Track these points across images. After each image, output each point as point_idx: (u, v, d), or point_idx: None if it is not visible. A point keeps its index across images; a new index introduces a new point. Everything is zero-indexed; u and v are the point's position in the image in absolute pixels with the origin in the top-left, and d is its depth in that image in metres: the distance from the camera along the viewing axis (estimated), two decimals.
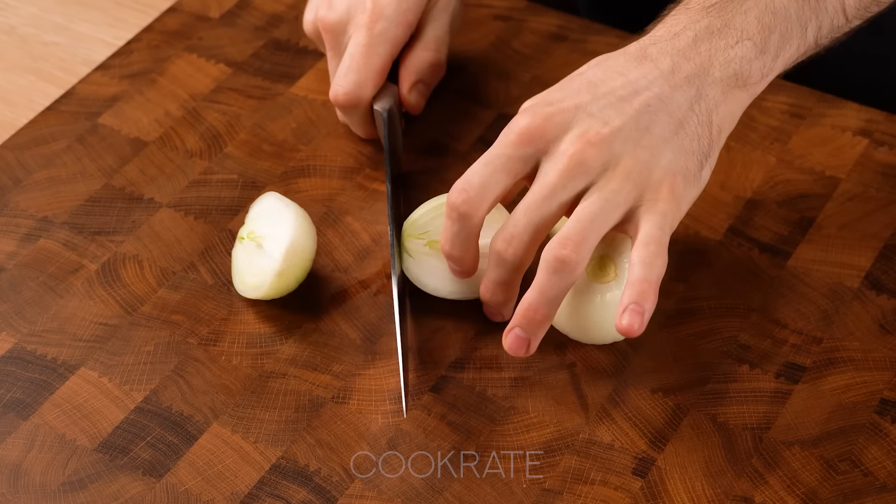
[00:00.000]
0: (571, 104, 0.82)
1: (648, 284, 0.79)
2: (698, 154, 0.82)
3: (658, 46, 0.83)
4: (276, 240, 0.87)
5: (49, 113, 1.01)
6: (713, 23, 0.83)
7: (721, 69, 0.83)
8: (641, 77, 0.82)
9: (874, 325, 0.88)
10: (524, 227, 0.81)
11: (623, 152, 0.81)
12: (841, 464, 0.82)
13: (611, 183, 0.80)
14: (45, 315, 0.89)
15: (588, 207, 0.80)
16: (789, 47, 0.84)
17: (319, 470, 0.81)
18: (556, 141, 0.81)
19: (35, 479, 0.81)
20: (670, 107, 0.82)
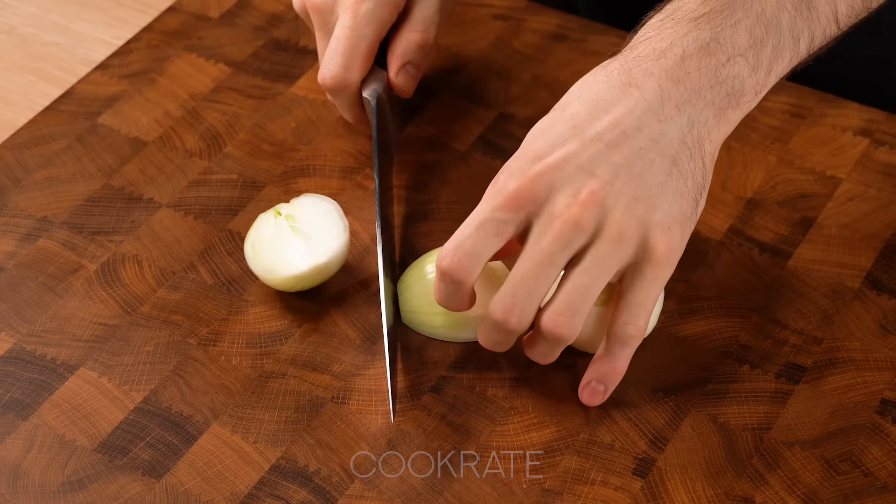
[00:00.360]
0: (559, 157, 0.78)
1: (618, 366, 0.81)
2: (693, 193, 0.80)
3: (643, 68, 0.79)
4: (323, 237, 0.88)
5: (48, 113, 1.01)
6: (701, 37, 0.78)
7: (712, 91, 0.79)
8: (628, 113, 0.78)
9: (875, 326, 0.88)
10: (525, 296, 0.79)
11: (616, 207, 0.78)
12: (841, 464, 0.81)
13: (605, 247, 0.78)
14: (44, 315, 0.89)
15: (580, 277, 0.78)
16: (782, 60, 0.81)
17: (319, 470, 0.81)
18: (546, 203, 0.78)
19: (34, 479, 0.81)
20: (661, 145, 0.78)
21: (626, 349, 0.81)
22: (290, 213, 0.89)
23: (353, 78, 0.93)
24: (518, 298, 0.79)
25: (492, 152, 0.98)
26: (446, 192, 0.95)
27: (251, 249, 0.88)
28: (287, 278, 0.87)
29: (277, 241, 0.88)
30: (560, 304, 0.79)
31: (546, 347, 0.82)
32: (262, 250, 0.88)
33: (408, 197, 0.95)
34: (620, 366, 0.82)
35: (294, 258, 0.87)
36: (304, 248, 0.88)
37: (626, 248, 0.78)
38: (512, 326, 0.80)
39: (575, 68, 1.03)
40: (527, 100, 1.01)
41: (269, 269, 0.87)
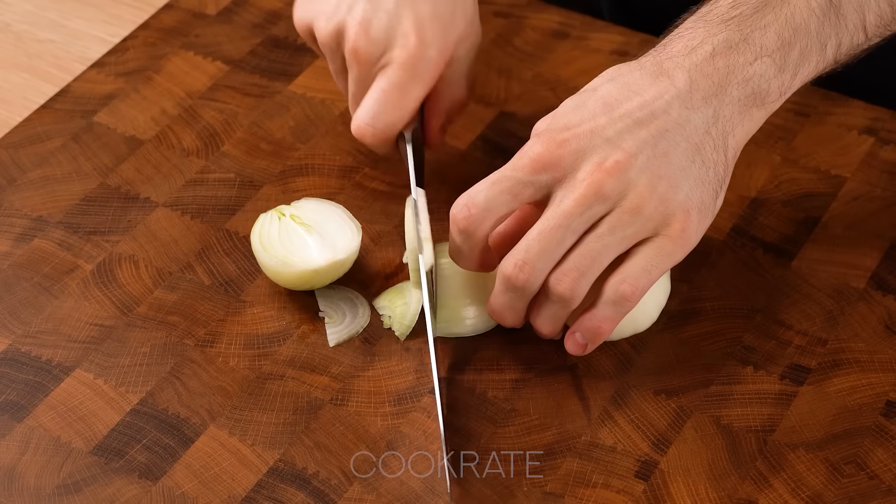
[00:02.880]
0: (587, 129, 0.80)
1: (604, 324, 0.81)
2: (714, 184, 0.81)
3: (674, 61, 0.82)
4: (337, 235, 0.88)
5: (44, 111, 1.01)
6: (732, 37, 0.81)
7: (739, 88, 0.81)
8: (658, 97, 0.81)
9: (880, 326, 0.88)
10: (537, 254, 0.80)
11: (640, 181, 0.79)
12: (846, 467, 0.81)
13: (623, 217, 0.79)
14: (39, 316, 0.89)
15: (593, 243, 0.80)
16: (808, 65, 0.83)
17: (318, 473, 0.81)
18: (572, 169, 0.80)
19: (29, 482, 0.81)
20: (687, 130, 0.80)
21: (617, 308, 0.81)
22: (294, 213, 0.89)
23: (395, 134, 0.91)
24: (530, 255, 0.80)
25: (492, 151, 0.98)
26: (446, 191, 0.95)
27: (260, 244, 0.88)
28: (304, 272, 0.87)
29: (290, 237, 0.88)
30: (568, 264, 0.80)
31: (549, 310, 0.82)
32: (272, 245, 0.88)
33: (407, 196, 0.95)
34: (606, 326, 0.82)
35: (310, 253, 0.87)
36: (319, 244, 0.88)
37: (644, 223, 0.80)
38: (520, 283, 0.80)
39: (577, 66, 1.03)
40: (528, 98, 1.01)
41: (285, 262, 0.87)
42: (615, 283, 0.80)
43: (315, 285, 0.89)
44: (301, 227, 0.88)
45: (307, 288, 0.89)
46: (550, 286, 0.80)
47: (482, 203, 0.80)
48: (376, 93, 0.89)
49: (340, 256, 0.87)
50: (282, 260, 0.87)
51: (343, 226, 0.89)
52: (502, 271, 0.81)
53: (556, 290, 0.80)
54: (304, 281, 0.88)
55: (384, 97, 0.89)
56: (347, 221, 0.89)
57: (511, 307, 0.83)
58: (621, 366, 0.86)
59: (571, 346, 0.83)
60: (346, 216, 0.90)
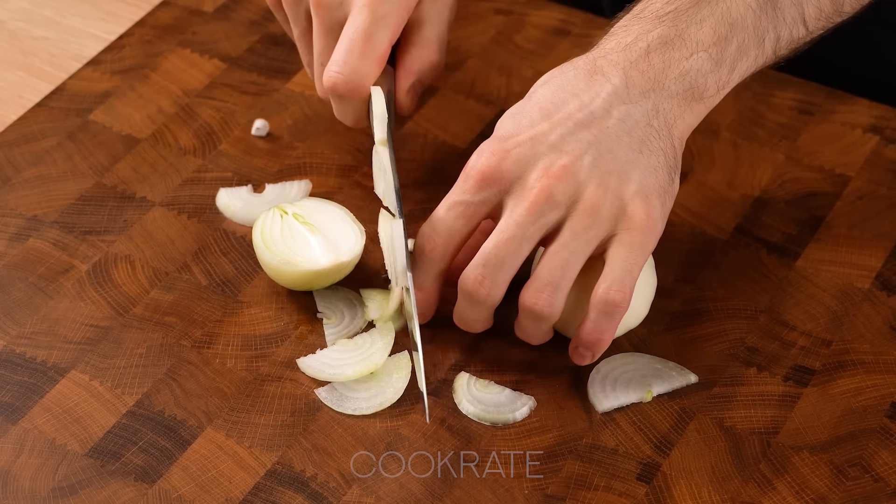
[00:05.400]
0: (528, 136, 0.81)
1: (603, 333, 0.81)
2: (666, 168, 0.82)
3: (609, 59, 0.82)
4: (340, 237, 0.88)
5: (39, 109, 1.01)
6: (666, 33, 0.82)
7: (675, 82, 0.82)
8: (595, 96, 0.81)
9: (885, 327, 0.88)
10: (495, 267, 0.81)
11: (589, 181, 0.80)
12: (851, 469, 0.81)
13: (581, 219, 0.80)
14: (34, 317, 0.88)
15: (559, 252, 0.80)
16: (746, 59, 0.83)
17: (316, 475, 0.81)
18: (518, 179, 0.81)
19: (24, 484, 0.80)
20: (628, 125, 0.81)
21: (611, 318, 0.81)
22: (296, 212, 0.89)
23: (367, 84, 0.91)
24: (488, 269, 0.80)
25: None
26: (446, 190, 0.94)
27: (262, 241, 0.87)
28: (307, 272, 0.87)
29: (293, 236, 0.88)
30: (540, 280, 0.80)
31: (530, 325, 0.82)
32: (274, 244, 0.87)
33: (407, 196, 0.95)
34: (606, 336, 0.82)
35: (314, 253, 0.87)
36: (323, 244, 0.87)
37: (603, 221, 0.80)
38: (481, 298, 0.81)
39: None
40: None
41: (287, 261, 0.86)
42: (602, 293, 0.80)
43: (315, 286, 0.88)
44: (304, 227, 0.88)
45: (307, 288, 0.88)
46: (528, 306, 0.81)
47: (444, 231, 0.82)
48: (344, 42, 0.90)
49: (344, 258, 0.87)
50: (284, 259, 0.87)
51: (347, 227, 0.88)
52: (462, 287, 0.82)
53: (535, 309, 0.81)
54: (306, 281, 0.87)
55: (351, 45, 0.89)
56: (350, 223, 0.89)
57: (476, 319, 0.84)
58: None
59: (578, 359, 0.84)
60: (350, 218, 0.89)
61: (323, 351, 0.86)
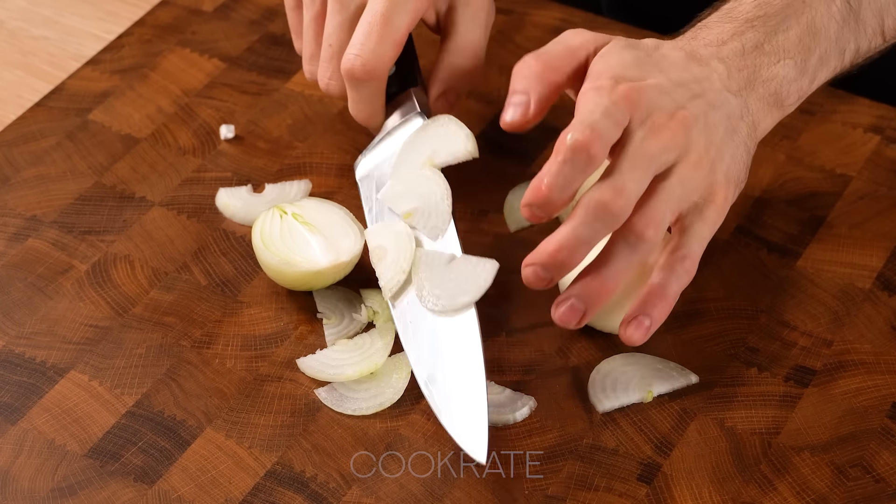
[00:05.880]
0: (655, 84, 0.81)
1: (664, 299, 0.80)
2: (745, 163, 0.83)
3: (709, 50, 0.84)
4: (340, 237, 0.88)
5: (38, 109, 1.00)
6: (757, 37, 0.84)
7: (763, 86, 0.83)
8: (704, 77, 0.82)
9: (886, 327, 0.88)
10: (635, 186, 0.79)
11: (699, 141, 0.81)
12: (852, 470, 0.81)
13: (689, 171, 0.80)
14: (33, 317, 0.88)
15: (670, 189, 0.80)
16: (826, 69, 0.85)
17: (316, 476, 0.81)
18: (649, 111, 0.80)
19: (23, 485, 0.80)
20: (728, 110, 0.82)
21: (675, 281, 0.81)
22: (296, 212, 0.88)
23: (384, 68, 0.89)
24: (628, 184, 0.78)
25: (493, 149, 0.97)
26: None
27: (261, 241, 0.87)
28: (306, 272, 0.86)
29: (293, 236, 0.88)
30: (654, 210, 0.79)
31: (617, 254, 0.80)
32: (273, 243, 0.87)
33: None
34: (669, 300, 0.81)
35: (314, 253, 0.87)
36: (322, 244, 0.87)
37: (699, 182, 0.81)
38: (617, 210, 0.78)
39: None
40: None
41: (287, 261, 0.86)
42: (673, 254, 0.81)
43: (315, 286, 0.88)
44: (304, 227, 0.88)
45: (307, 289, 0.88)
46: (640, 230, 0.79)
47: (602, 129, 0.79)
48: (362, 26, 0.89)
49: (344, 259, 0.87)
50: (284, 258, 0.86)
51: (346, 228, 0.88)
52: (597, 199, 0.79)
53: (647, 233, 0.79)
54: (305, 281, 0.87)
55: (370, 28, 0.89)
56: (350, 223, 0.89)
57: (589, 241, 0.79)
58: None
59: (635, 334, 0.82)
60: (349, 218, 0.89)
61: (323, 351, 0.86)
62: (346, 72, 0.89)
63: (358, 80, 0.89)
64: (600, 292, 0.80)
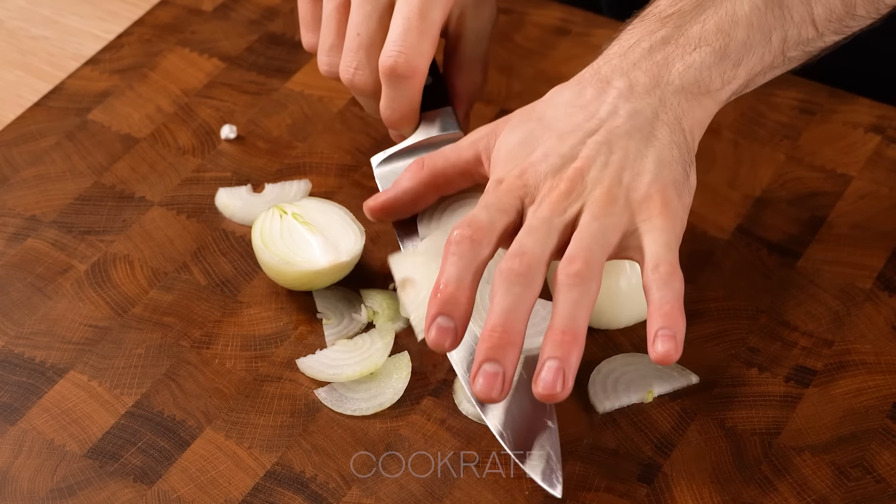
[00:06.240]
0: (539, 155, 0.80)
1: (671, 306, 0.77)
2: (680, 161, 0.81)
3: (611, 64, 0.82)
4: (340, 237, 0.88)
5: (37, 109, 1.00)
6: (669, 33, 0.82)
7: (680, 76, 0.81)
8: (600, 104, 0.81)
9: (887, 327, 0.87)
10: (533, 246, 0.78)
11: (604, 177, 0.79)
12: (853, 470, 0.81)
13: (600, 206, 0.79)
14: (33, 317, 0.88)
15: (587, 229, 0.78)
16: (752, 55, 0.83)
17: (315, 476, 0.80)
18: (536, 189, 0.80)
19: (22, 485, 0.80)
20: (637, 121, 0.81)
21: (670, 290, 0.77)
22: (296, 211, 0.88)
23: (426, 63, 0.88)
24: (526, 247, 0.78)
25: None
26: None
27: (261, 241, 0.87)
28: (306, 272, 0.86)
29: (293, 236, 0.87)
30: (571, 249, 0.78)
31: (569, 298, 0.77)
32: (273, 243, 0.87)
33: None
34: (676, 307, 0.77)
35: (313, 253, 0.87)
36: (322, 244, 0.87)
37: (622, 212, 0.79)
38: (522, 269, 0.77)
39: (579, 63, 1.02)
40: (529, 95, 1.00)
41: (287, 260, 0.86)
42: (649, 273, 0.78)
43: (315, 286, 0.88)
44: (304, 227, 0.87)
45: (307, 288, 0.88)
46: (563, 270, 0.77)
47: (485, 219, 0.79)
48: (399, 21, 0.87)
49: (344, 259, 0.87)
50: (284, 258, 0.86)
51: (346, 227, 0.88)
52: (500, 270, 0.77)
53: (571, 268, 0.77)
54: (305, 281, 0.87)
55: (408, 23, 0.87)
56: (350, 223, 0.88)
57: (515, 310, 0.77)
58: None
59: (662, 345, 0.76)
60: (349, 217, 0.89)
61: (322, 351, 0.86)
62: (388, 69, 0.87)
63: (400, 76, 0.87)
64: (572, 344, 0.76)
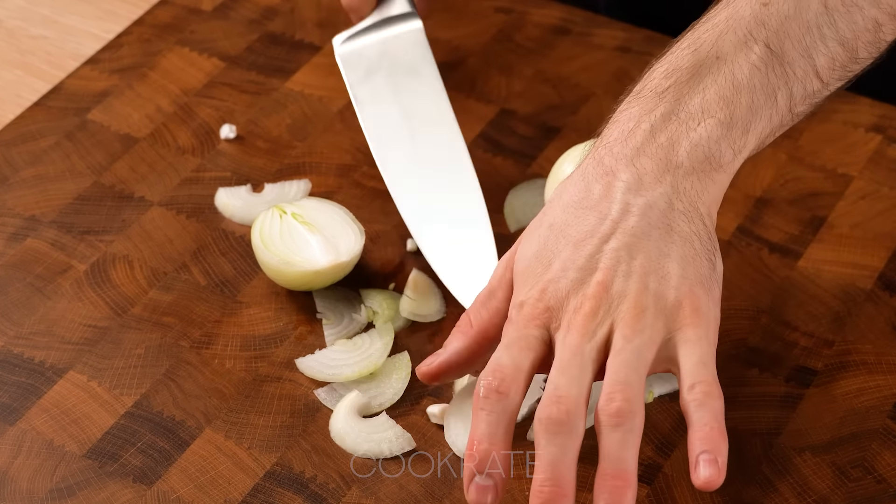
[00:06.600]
0: (558, 268, 0.76)
1: (711, 428, 0.73)
2: (703, 253, 0.77)
3: (613, 153, 0.77)
4: (340, 237, 0.88)
5: (36, 108, 1.00)
6: (669, 109, 0.77)
7: (689, 157, 0.77)
8: (611, 203, 0.76)
9: (887, 328, 0.87)
10: (567, 385, 0.74)
11: (629, 288, 0.75)
12: (853, 470, 0.81)
13: (630, 324, 0.75)
14: (32, 317, 0.88)
15: (620, 356, 0.74)
16: (759, 119, 0.78)
17: (315, 477, 0.80)
18: (560, 311, 0.76)
19: (22, 486, 0.80)
20: (652, 216, 0.76)
21: (709, 408, 0.74)
22: (296, 211, 0.88)
23: None
24: (560, 389, 0.74)
25: (493, 149, 0.97)
26: None
27: (261, 241, 0.87)
28: (305, 272, 0.86)
29: (293, 236, 0.87)
30: (608, 384, 0.74)
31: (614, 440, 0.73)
32: (273, 243, 0.87)
33: None
34: (716, 428, 0.74)
35: (313, 253, 0.87)
36: (322, 244, 0.87)
37: (654, 323, 0.75)
38: (562, 417, 0.74)
39: (579, 63, 1.03)
40: (529, 95, 1.00)
41: (286, 260, 0.86)
42: (685, 391, 0.75)
43: (315, 286, 0.88)
44: (303, 227, 0.87)
45: (306, 288, 0.88)
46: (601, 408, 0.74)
47: (510, 363, 0.75)
48: None
49: (343, 259, 0.87)
50: (283, 258, 0.86)
51: (346, 227, 0.88)
52: (539, 419, 0.74)
53: (611, 407, 0.73)
54: (305, 281, 0.87)
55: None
56: (350, 223, 0.88)
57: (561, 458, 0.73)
58: None
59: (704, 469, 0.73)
60: (349, 217, 0.89)
61: (322, 351, 0.86)
62: None
63: None
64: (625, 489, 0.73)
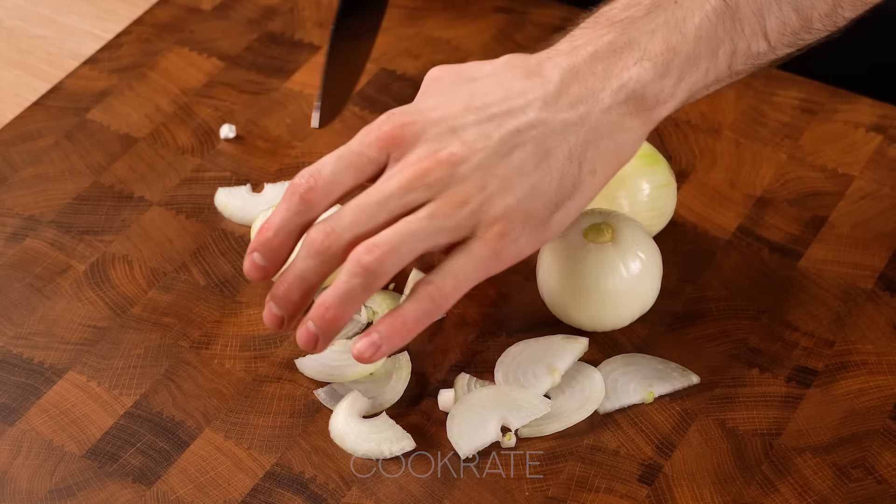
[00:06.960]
0: (438, 115, 0.78)
1: (403, 328, 0.76)
2: (554, 197, 0.77)
3: (555, 61, 0.79)
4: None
5: (36, 108, 1.00)
6: (616, 39, 0.79)
7: (612, 95, 0.78)
8: (520, 95, 0.78)
9: (888, 328, 0.87)
10: (347, 225, 0.77)
11: (469, 177, 0.76)
12: (854, 471, 0.81)
13: (445, 207, 0.76)
14: (31, 317, 0.88)
15: (411, 222, 0.76)
16: (696, 70, 0.79)
17: (315, 477, 0.80)
18: (408, 149, 0.78)
19: (21, 486, 0.80)
20: (540, 132, 0.77)
21: (418, 306, 0.76)
22: None
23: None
24: (340, 225, 0.77)
25: None
26: None
27: None
28: None
29: None
30: (380, 237, 0.76)
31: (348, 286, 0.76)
32: None
33: None
34: (408, 324, 0.77)
35: None
36: None
37: (465, 218, 0.76)
38: (323, 250, 0.76)
39: None
40: None
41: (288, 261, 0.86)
42: (423, 280, 0.77)
43: None
44: None
45: None
46: (356, 257, 0.76)
47: (328, 176, 0.78)
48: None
49: None
50: None
51: None
52: (308, 236, 0.77)
53: (363, 259, 0.75)
54: None
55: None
56: None
57: (302, 278, 0.77)
58: None
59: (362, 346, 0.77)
60: None
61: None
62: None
63: None
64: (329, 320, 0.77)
